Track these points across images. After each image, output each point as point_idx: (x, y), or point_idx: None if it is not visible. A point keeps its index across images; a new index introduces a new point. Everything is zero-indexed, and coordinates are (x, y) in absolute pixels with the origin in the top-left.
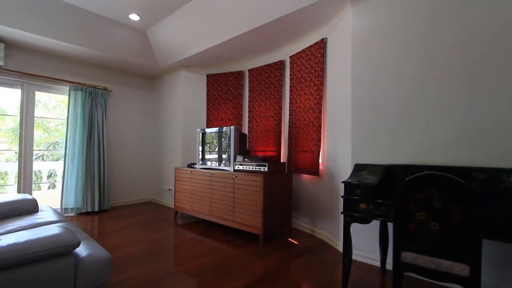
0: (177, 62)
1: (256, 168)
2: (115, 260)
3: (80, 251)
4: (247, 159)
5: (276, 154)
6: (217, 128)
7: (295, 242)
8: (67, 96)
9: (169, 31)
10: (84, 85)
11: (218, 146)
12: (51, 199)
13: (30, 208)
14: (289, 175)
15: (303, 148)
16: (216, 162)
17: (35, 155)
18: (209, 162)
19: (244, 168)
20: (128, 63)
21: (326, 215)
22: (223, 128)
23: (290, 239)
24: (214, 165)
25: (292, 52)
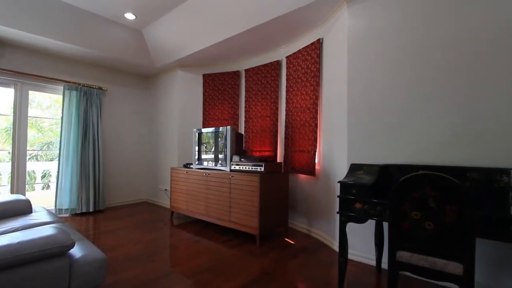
0: (173, 61)
1: (252, 168)
2: (110, 261)
3: (75, 252)
4: (243, 159)
5: (273, 154)
6: (213, 128)
7: (292, 242)
8: (62, 96)
9: (165, 30)
10: (79, 84)
11: (214, 146)
12: (45, 200)
13: (23, 209)
14: (285, 175)
15: (299, 148)
16: (213, 162)
17: (28, 155)
18: (205, 162)
19: (240, 168)
20: (123, 62)
21: (322, 215)
22: (220, 128)
23: (286, 239)
24: (211, 165)
25: (289, 52)
